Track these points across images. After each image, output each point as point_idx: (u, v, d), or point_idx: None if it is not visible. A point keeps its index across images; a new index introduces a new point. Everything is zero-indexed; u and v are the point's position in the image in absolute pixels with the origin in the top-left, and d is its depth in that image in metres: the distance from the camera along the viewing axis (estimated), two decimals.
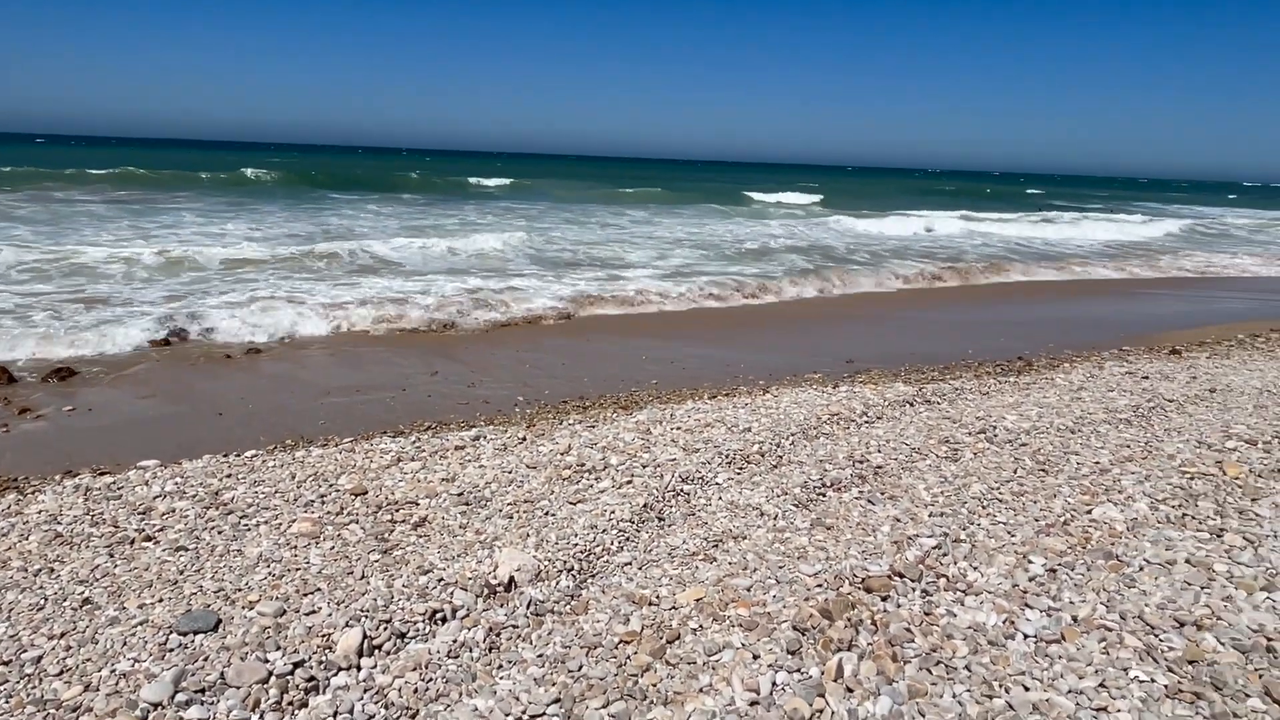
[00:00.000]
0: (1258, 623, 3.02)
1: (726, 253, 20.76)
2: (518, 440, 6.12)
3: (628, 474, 5.27)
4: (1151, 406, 6.73)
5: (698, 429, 6.32)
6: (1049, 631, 3.10)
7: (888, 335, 12.08)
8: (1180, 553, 3.65)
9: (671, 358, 10.12)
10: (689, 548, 4.25)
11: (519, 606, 3.63)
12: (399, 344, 10.51)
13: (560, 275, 15.95)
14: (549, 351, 10.34)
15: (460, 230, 23.86)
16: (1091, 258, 23.43)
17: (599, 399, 8.03)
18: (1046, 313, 14.48)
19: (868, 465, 5.38)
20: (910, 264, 19.89)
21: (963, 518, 4.34)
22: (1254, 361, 9.20)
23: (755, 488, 5.09)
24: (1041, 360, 9.82)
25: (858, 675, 2.92)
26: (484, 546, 4.21)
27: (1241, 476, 4.63)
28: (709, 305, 14.15)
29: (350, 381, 8.65)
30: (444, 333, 11.19)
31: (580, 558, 4.10)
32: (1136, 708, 2.63)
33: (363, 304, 12.41)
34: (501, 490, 5.04)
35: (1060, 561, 3.68)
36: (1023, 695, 2.74)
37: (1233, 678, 2.72)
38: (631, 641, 3.30)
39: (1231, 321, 13.40)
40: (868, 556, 3.91)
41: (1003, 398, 7.38)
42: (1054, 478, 4.92)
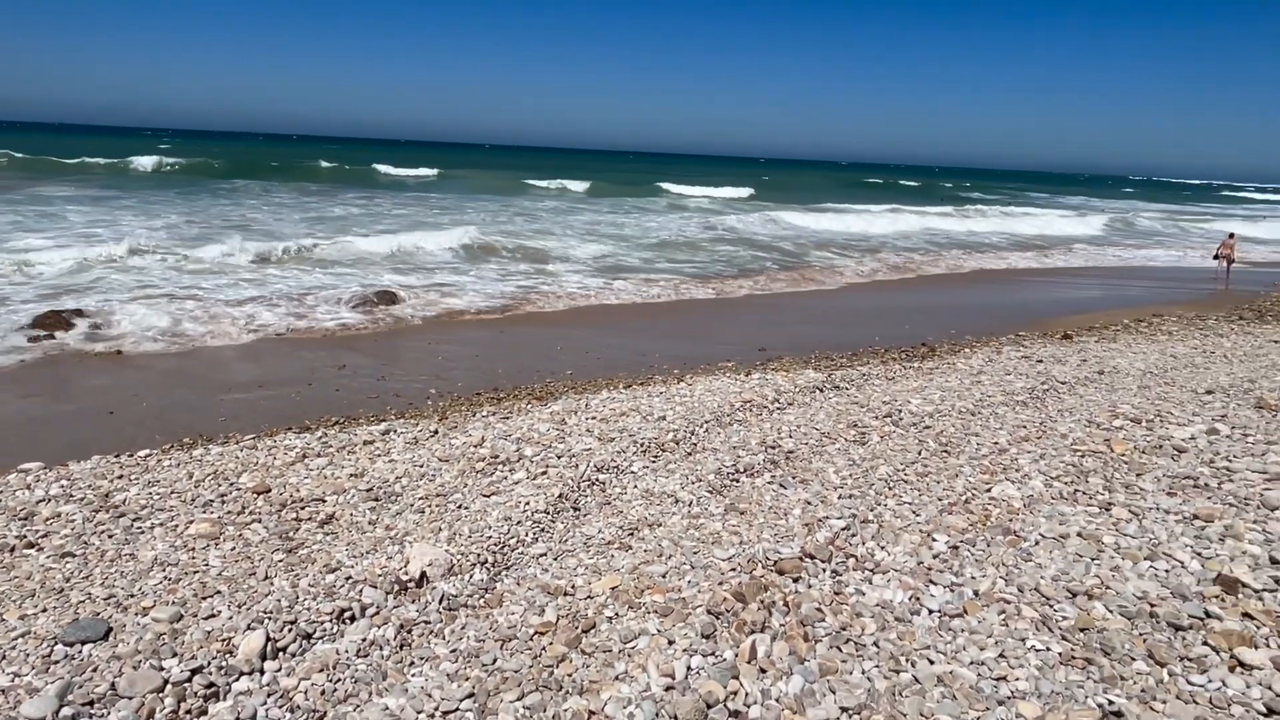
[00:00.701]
0: (1142, 590, 3.19)
1: (645, 244, 20.82)
2: (430, 433, 6.00)
3: (542, 465, 5.23)
4: (1045, 388, 7.04)
5: (613, 418, 6.32)
6: (952, 606, 3.21)
7: (800, 324, 12.32)
8: (1072, 527, 3.83)
9: (587, 348, 10.09)
10: (605, 537, 4.24)
11: (431, 602, 3.56)
12: (305, 339, 10.18)
13: (478, 267, 15.71)
14: (462, 343, 10.17)
15: (371, 221, 23.26)
16: (1010, 248, 24.41)
17: (513, 390, 7.94)
18: (951, 300, 15.00)
19: (780, 450, 5.47)
20: (830, 255, 20.33)
21: (870, 499, 4.45)
22: (1138, 345, 9.73)
23: (670, 475, 5.12)
24: (944, 346, 10.16)
25: (771, 656, 2.96)
26: (394, 542, 4.11)
27: (1127, 453, 4.88)
28: (626, 298, 14.15)
29: (253, 377, 8.33)
30: (353, 327, 10.89)
31: (494, 550, 4.05)
32: (1033, 676, 2.74)
33: (266, 300, 11.99)
34: (413, 484, 4.93)
35: (962, 539, 3.81)
36: (928, 668, 2.83)
37: (1120, 643, 2.86)
38: (547, 632, 3.27)
39: (1119, 307, 14.13)
40: (780, 539, 3.97)
41: (908, 383, 7.61)
42: (956, 458, 5.10)
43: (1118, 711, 2.49)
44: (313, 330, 10.52)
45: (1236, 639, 2.77)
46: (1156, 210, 54.74)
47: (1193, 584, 3.17)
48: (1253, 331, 10.90)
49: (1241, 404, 5.82)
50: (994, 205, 46.30)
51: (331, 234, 18.95)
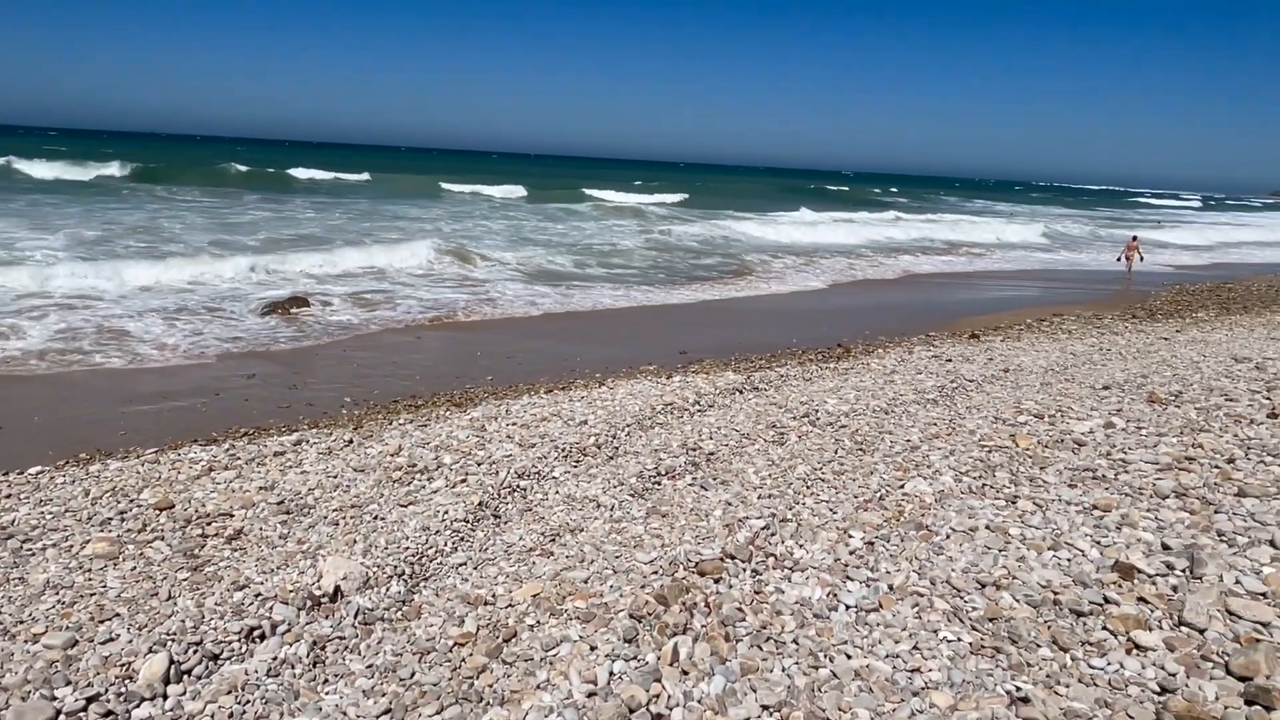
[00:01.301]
0: (1046, 579, 3.31)
1: (571, 249, 20.75)
2: (344, 443, 5.84)
3: (462, 472, 5.14)
4: (954, 386, 7.28)
5: (534, 424, 6.26)
6: (868, 601, 3.28)
7: (721, 327, 12.45)
8: (981, 520, 3.96)
9: (508, 353, 9.99)
10: (526, 544, 4.19)
11: (346, 616, 3.46)
12: (212, 348, 9.79)
13: (398, 273, 15.39)
14: (379, 350, 9.95)
15: (281, 225, 22.58)
16: (926, 251, 25.17)
17: (432, 397, 7.81)
18: (866, 302, 15.39)
19: (700, 452, 5.51)
20: (754, 260, 20.61)
21: (789, 498, 4.52)
22: (1041, 344, 10.15)
23: (592, 480, 5.10)
24: (859, 347, 10.42)
25: (693, 658, 2.97)
26: (307, 556, 3.98)
27: (1031, 447, 5.08)
28: (549, 304, 14.07)
29: (156, 389, 7.98)
30: (263, 334, 10.52)
31: (412, 561, 3.96)
32: (946, 666, 2.82)
33: (165, 312, 11.51)
34: (326, 496, 4.79)
35: (877, 534, 3.89)
36: (845, 663, 2.88)
37: (1026, 631, 2.96)
38: (467, 643, 3.21)
39: (1024, 308, 14.73)
40: (701, 541, 3.99)
41: (824, 383, 7.76)
42: (870, 456, 5.22)
43: (1025, 698, 2.58)
44: (221, 338, 10.13)
45: (1133, 622, 2.90)
46: (1063, 213, 57.42)
47: (1092, 571, 3.31)
48: (1144, 329, 11.50)
49: (1135, 398, 6.12)
50: (915, 211, 47.80)
51: (242, 238, 18.32)
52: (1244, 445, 4.57)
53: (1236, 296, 16.13)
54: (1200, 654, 2.68)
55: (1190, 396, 5.93)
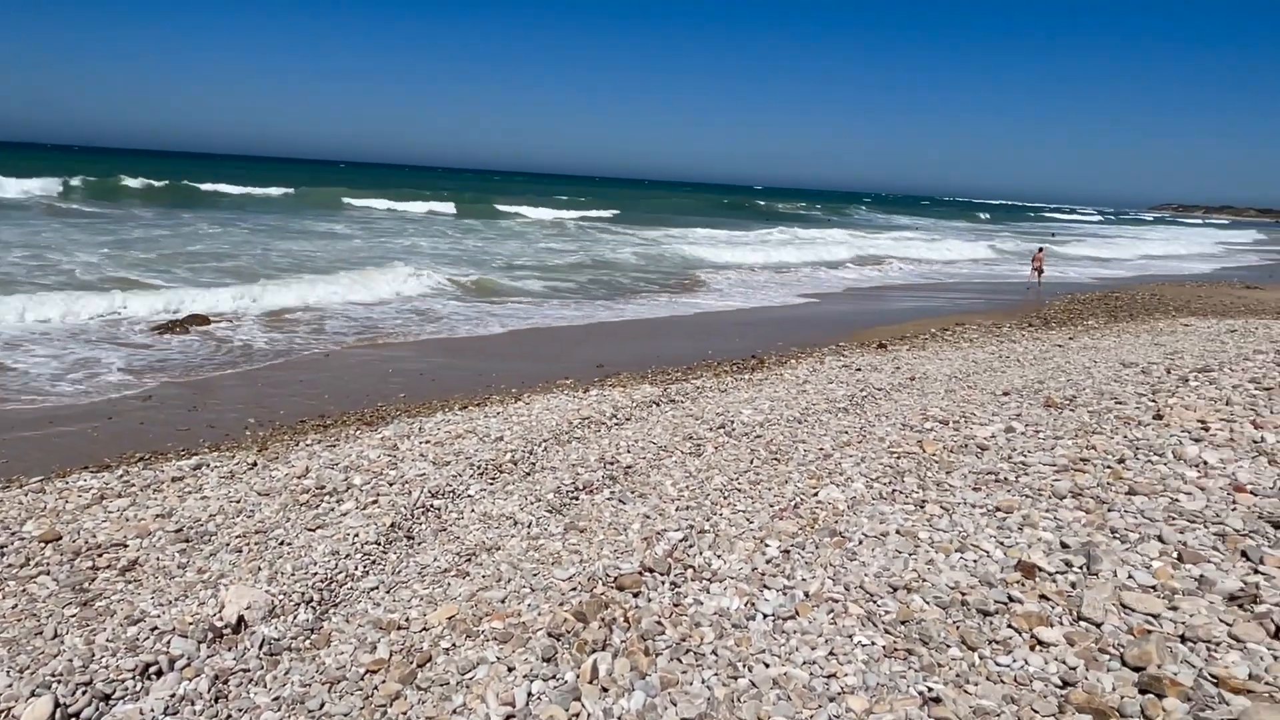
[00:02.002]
0: (954, 580, 3.41)
1: (492, 265, 20.53)
2: (247, 466, 5.61)
3: (373, 493, 5.00)
4: (864, 395, 7.46)
5: (448, 441, 6.14)
6: (785, 609, 3.31)
7: (638, 340, 12.49)
8: (891, 525, 4.05)
9: (420, 369, 9.80)
10: (440, 565, 4.10)
11: (250, 648, 3.31)
12: (105, 368, 9.29)
13: (314, 291, 14.92)
14: (286, 369, 9.62)
15: (178, 241, 21.68)
16: (841, 264, 25.80)
17: (341, 416, 7.58)
18: (780, 314, 15.68)
19: (618, 466, 5.50)
20: (676, 273, 20.76)
21: (706, 509, 4.55)
22: (944, 352, 10.52)
23: (509, 497, 5.03)
24: (772, 358, 10.59)
25: (612, 674, 2.94)
26: (208, 586, 3.80)
27: (938, 453, 5.24)
28: (466, 323, 13.85)
29: (42, 414, 7.52)
30: (157, 354, 10.04)
31: (321, 587, 3.82)
32: (860, 670, 2.87)
33: (63, 326, 10.89)
34: (229, 522, 4.58)
35: (793, 543, 3.95)
36: (764, 672, 2.90)
37: (937, 632, 3.04)
38: (379, 670, 3.11)
39: (927, 318, 15.25)
40: (619, 555, 3.97)
41: (739, 394, 7.86)
42: (785, 465, 5.30)
43: (937, 698, 2.64)
44: (114, 358, 9.62)
45: (1035, 619, 3.00)
46: (968, 226, 59.95)
47: (997, 571, 3.42)
48: (1040, 337, 12.04)
49: (1033, 403, 6.39)
50: (839, 226, 49.25)
51: (129, 253, 17.50)
52: (1133, 446, 4.81)
53: (1123, 305, 17.05)
54: (1098, 647, 2.80)
55: (1083, 400, 6.22)
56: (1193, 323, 13.19)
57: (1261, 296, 19.64)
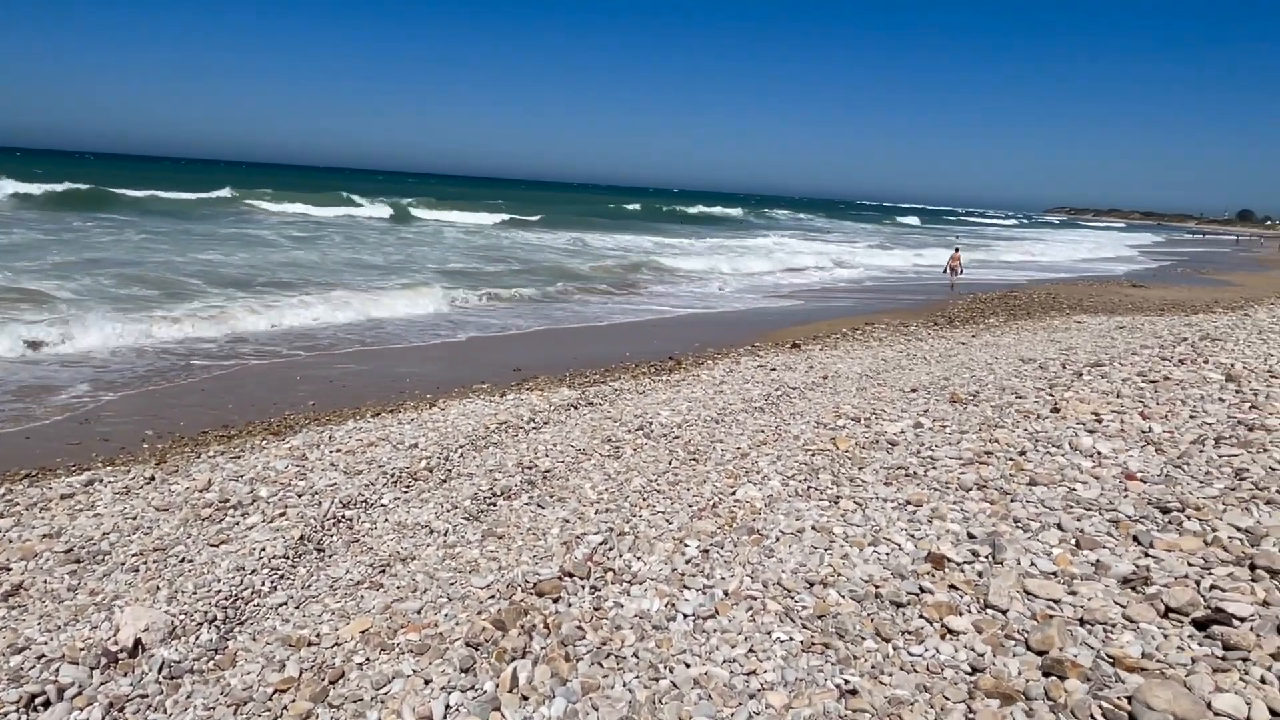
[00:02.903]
0: (868, 574, 3.49)
1: (407, 268, 20.09)
2: (144, 480, 5.35)
3: (280, 505, 4.82)
4: (779, 394, 7.59)
5: (360, 449, 5.98)
6: (705, 608, 3.33)
7: (555, 343, 12.41)
8: (807, 521, 4.12)
9: (330, 376, 9.52)
10: (353, 577, 3.98)
11: (149, 672, 3.14)
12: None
13: (210, 296, 14.33)
14: (187, 377, 9.21)
15: (67, 250, 20.54)
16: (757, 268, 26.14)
17: (246, 426, 7.30)
18: (693, 316, 15.82)
19: (537, 470, 5.44)
20: (590, 276, 20.71)
21: (626, 511, 4.54)
22: (855, 351, 10.79)
23: (424, 505, 4.92)
24: (690, 359, 10.68)
25: (532, 681, 2.90)
26: (101, 609, 3.60)
27: (850, 449, 5.36)
28: (377, 330, 13.52)
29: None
30: (43, 362, 9.48)
31: (225, 605, 3.66)
32: (780, 666, 2.90)
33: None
34: (124, 540, 4.35)
35: (712, 542, 3.97)
36: (685, 672, 2.90)
37: (852, 625, 3.10)
38: (289, 689, 3.00)
39: (839, 318, 15.62)
40: (539, 561, 3.93)
41: (657, 395, 7.89)
42: (703, 465, 5.34)
43: (853, 690, 2.69)
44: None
45: (945, 609, 3.09)
46: (875, 229, 61.90)
47: (908, 563, 3.51)
48: (945, 335, 12.46)
49: (939, 399, 6.61)
50: (753, 229, 50.10)
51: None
52: (1033, 438, 5.01)
53: (1021, 304, 17.81)
54: (1004, 633, 2.90)
55: (986, 396, 6.46)
56: (1085, 320, 13.87)
57: (1147, 294, 20.82)
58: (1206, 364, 6.57)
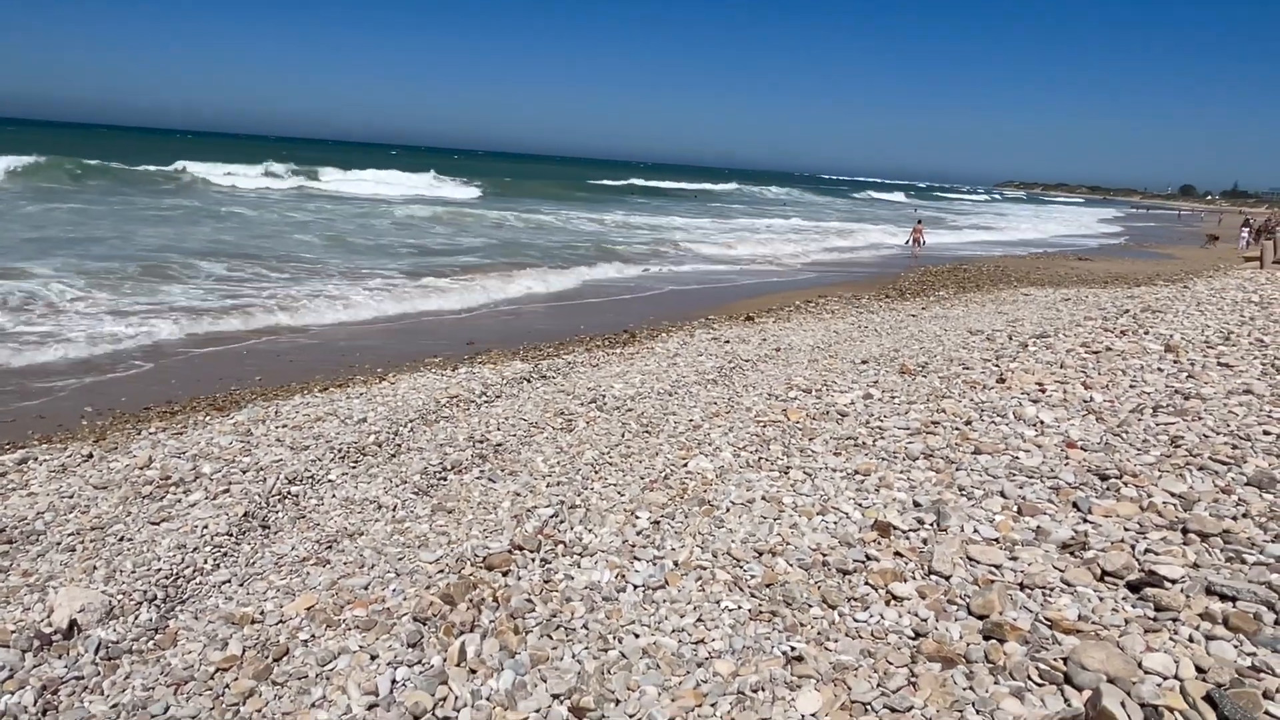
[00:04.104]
0: (816, 542, 3.52)
1: (346, 244, 19.70)
2: (82, 458, 5.19)
3: (224, 482, 4.72)
4: (732, 367, 7.61)
5: (307, 424, 5.87)
6: (655, 579, 3.34)
7: (510, 317, 12.30)
8: (757, 491, 4.15)
9: (277, 351, 9.32)
10: (299, 553, 3.91)
11: (84, 653, 3.06)
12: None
13: (158, 279, 13.91)
14: (125, 354, 8.93)
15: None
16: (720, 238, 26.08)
17: (189, 402, 7.12)
18: (649, 288, 15.78)
19: (488, 444, 5.40)
20: (550, 248, 20.50)
21: (578, 484, 4.53)
22: (807, 324, 10.87)
23: (372, 480, 4.85)
24: (644, 332, 10.66)
25: (481, 655, 2.89)
26: (34, 590, 3.49)
27: (801, 420, 5.40)
28: (329, 307, 13.25)
29: None
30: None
31: (165, 584, 3.58)
32: (727, 634, 2.92)
33: None
34: (60, 519, 4.23)
35: (663, 513, 3.98)
36: (634, 643, 2.91)
37: (799, 593, 3.14)
38: (231, 667, 2.94)
39: (793, 290, 15.71)
40: (489, 534, 3.90)
41: (611, 368, 7.87)
42: (656, 437, 5.34)
43: (799, 656, 2.72)
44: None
45: (890, 576, 3.14)
46: (830, 201, 62.38)
47: (855, 531, 3.56)
48: (896, 308, 12.61)
49: (889, 371, 6.69)
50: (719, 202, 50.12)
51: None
52: (979, 408, 5.10)
53: (970, 277, 18.09)
54: (947, 599, 2.95)
55: (935, 367, 6.56)
56: (1032, 292, 14.15)
57: (1091, 268, 21.29)
58: (1147, 335, 6.74)
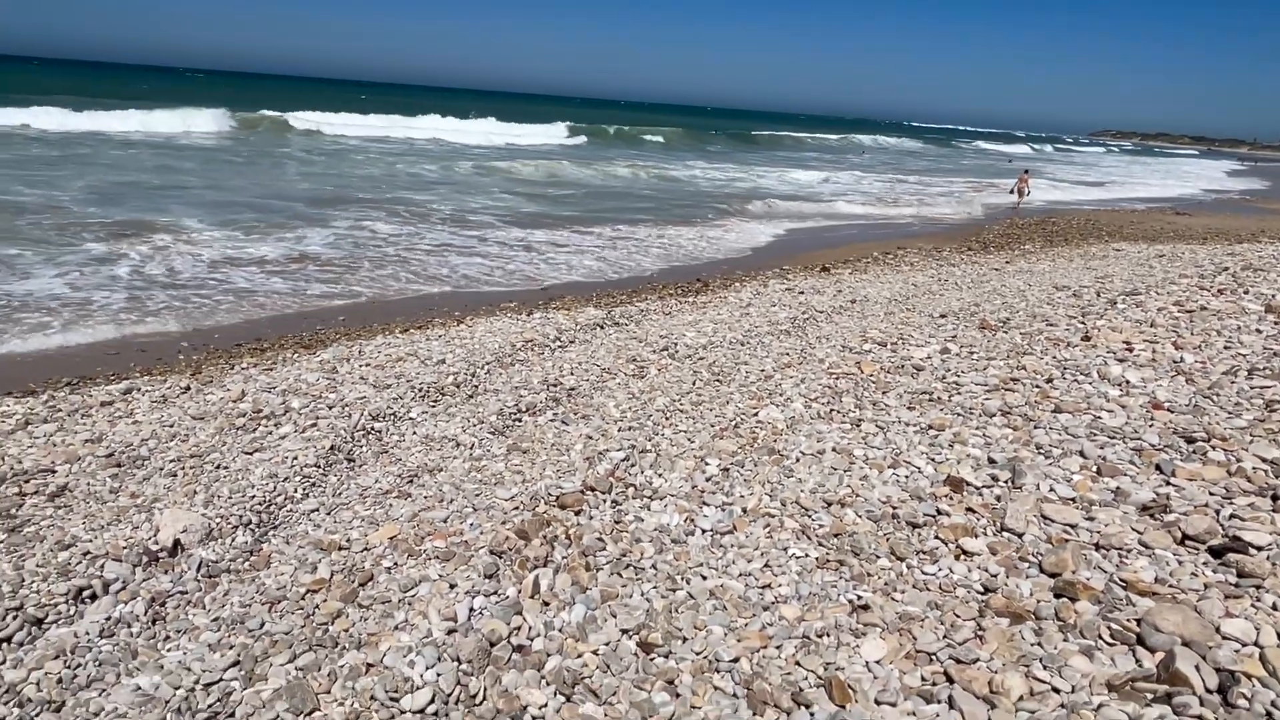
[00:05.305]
0: (886, 495, 3.52)
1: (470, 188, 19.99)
2: (180, 390, 5.49)
3: (311, 416, 4.94)
4: (806, 318, 7.55)
5: (389, 364, 6.07)
6: (723, 524, 3.40)
7: (583, 261, 12.37)
8: (828, 443, 4.15)
9: (361, 293, 9.60)
10: (382, 486, 4.09)
11: (187, 570, 3.28)
12: None
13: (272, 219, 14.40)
14: (220, 291, 9.32)
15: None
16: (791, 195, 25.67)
17: (278, 340, 7.42)
18: (735, 239, 15.64)
19: (561, 388, 5.51)
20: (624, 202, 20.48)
21: (648, 429, 4.59)
22: (885, 276, 10.65)
23: (451, 419, 5.01)
24: (717, 281, 10.62)
25: (554, 588, 3.00)
26: (142, 510, 3.74)
27: (875, 373, 5.35)
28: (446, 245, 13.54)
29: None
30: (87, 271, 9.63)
31: (259, 510, 3.79)
32: (794, 580, 2.97)
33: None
34: (162, 446, 4.50)
35: (732, 461, 4.02)
36: (701, 584, 2.98)
37: (868, 544, 3.15)
38: (320, 590, 3.12)
39: (871, 241, 15.38)
40: (562, 475, 4.01)
41: (683, 316, 7.89)
42: (727, 386, 5.36)
43: (865, 605, 2.75)
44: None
45: (961, 531, 3.13)
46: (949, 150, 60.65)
47: (927, 486, 3.54)
48: (978, 261, 12.25)
49: (969, 325, 6.54)
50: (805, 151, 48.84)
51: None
52: (1061, 366, 4.96)
53: (1059, 230, 17.40)
54: (1018, 556, 2.93)
55: (1016, 323, 6.38)
56: (1124, 248, 13.55)
57: (1189, 223, 20.23)
58: (1246, 294, 6.42)
